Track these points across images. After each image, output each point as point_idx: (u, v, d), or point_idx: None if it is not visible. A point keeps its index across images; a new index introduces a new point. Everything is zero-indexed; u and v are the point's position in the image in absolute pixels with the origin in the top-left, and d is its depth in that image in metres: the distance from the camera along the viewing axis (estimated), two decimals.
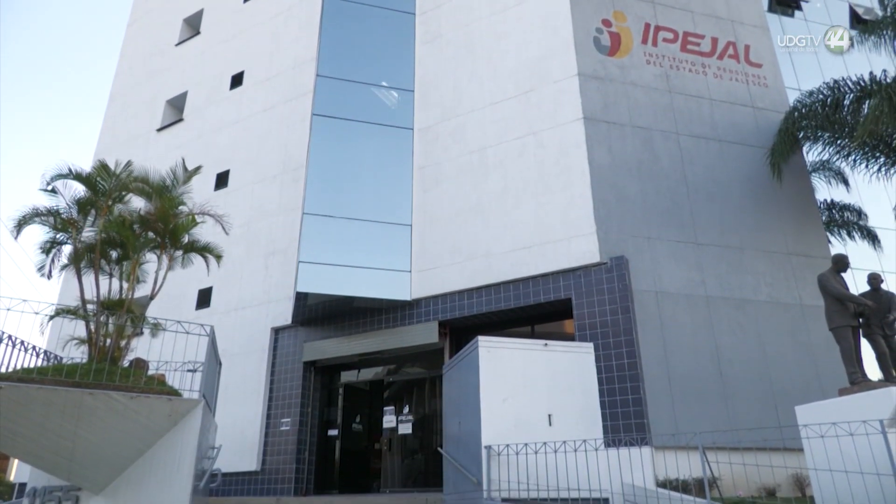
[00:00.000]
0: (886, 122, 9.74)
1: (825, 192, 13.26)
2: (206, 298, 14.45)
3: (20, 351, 6.87)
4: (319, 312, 12.57)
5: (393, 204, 12.44)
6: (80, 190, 8.55)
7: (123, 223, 8.52)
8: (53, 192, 8.46)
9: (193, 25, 19.26)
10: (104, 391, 6.63)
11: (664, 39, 12.64)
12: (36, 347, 7.26)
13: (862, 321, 7.42)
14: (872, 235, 13.10)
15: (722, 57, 12.85)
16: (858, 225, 13.16)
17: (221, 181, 15.52)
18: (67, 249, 8.90)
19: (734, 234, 11.10)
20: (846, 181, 13.28)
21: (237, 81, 16.78)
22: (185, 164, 9.51)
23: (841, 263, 7.82)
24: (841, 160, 12.45)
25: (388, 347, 12.20)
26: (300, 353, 12.86)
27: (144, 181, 8.87)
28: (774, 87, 12.91)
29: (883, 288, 7.62)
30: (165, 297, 9.65)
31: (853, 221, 13.20)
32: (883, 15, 11.79)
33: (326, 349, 12.66)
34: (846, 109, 11.16)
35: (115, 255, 8.96)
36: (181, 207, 9.12)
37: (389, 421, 12.67)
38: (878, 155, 11.76)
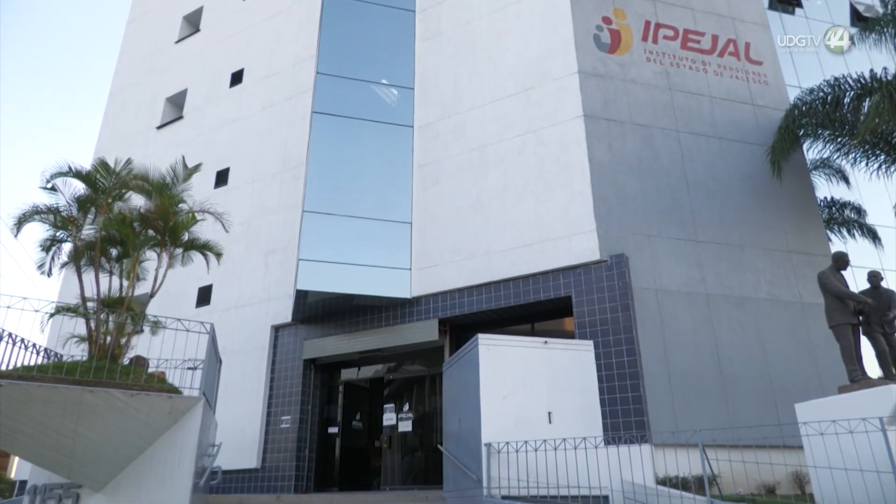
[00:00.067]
0: (887, 119, 9.74)
1: (825, 189, 13.27)
2: (206, 296, 14.44)
3: (20, 349, 6.88)
4: (319, 310, 12.58)
5: (393, 202, 12.43)
6: (80, 188, 8.57)
7: (123, 221, 8.53)
8: (53, 189, 8.47)
9: (193, 23, 19.22)
10: (104, 389, 6.64)
11: (664, 37, 12.62)
12: (36, 345, 7.27)
13: (862, 319, 7.43)
14: (872, 233, 13.10)
15: (722, 54, 12.83)
16: (858, 223, 13.15)
17: (221, 179, 15.51)
18: (67, 247, 8.91)
19: (734, 231, 11.10)
20: (846, 179, 13.27)
21: (237, 79, 16.75)
22: (185, 161, 9.51)
23: (841, 261, 7.82)
24: (841, 158, 12.44)
25: (388, 345, 12.22)
26: (300, 350, 12.87)
27: (144, 179, 8.88)
28: (775, 84, 12.90)
29: (883, 286, 7.62)
30: (165, 294, 9.65)
31: (853, 219, 13.19)
32: (883, 12, 11.77)
33: (326, 347, 12.67)
34: (847, 107, 11.16)
35: (115, 252, 8.97)
36: (181, 205, 9.13)
37: (389, 418, 12.69)
38: (878, 153, 11.76)
